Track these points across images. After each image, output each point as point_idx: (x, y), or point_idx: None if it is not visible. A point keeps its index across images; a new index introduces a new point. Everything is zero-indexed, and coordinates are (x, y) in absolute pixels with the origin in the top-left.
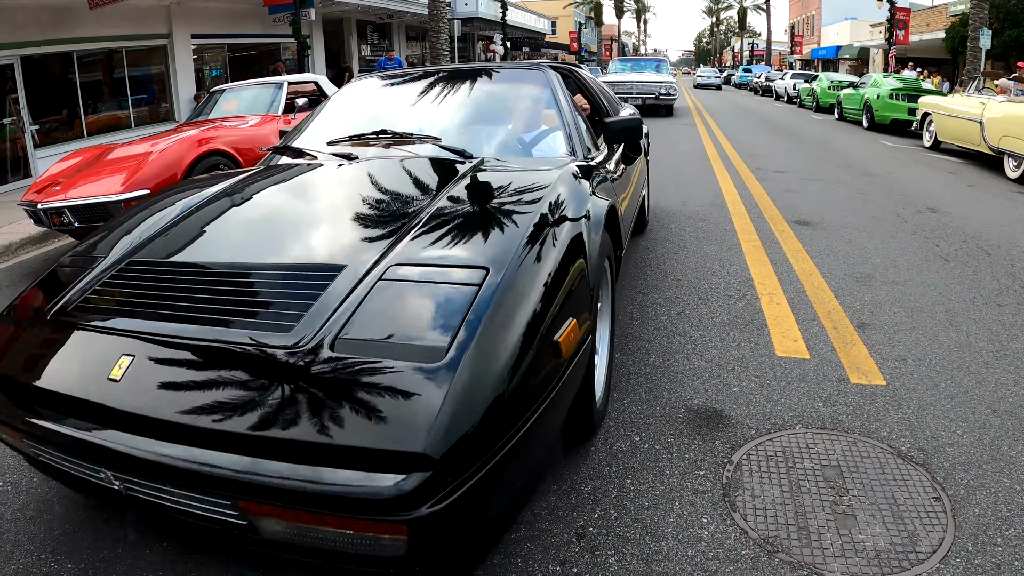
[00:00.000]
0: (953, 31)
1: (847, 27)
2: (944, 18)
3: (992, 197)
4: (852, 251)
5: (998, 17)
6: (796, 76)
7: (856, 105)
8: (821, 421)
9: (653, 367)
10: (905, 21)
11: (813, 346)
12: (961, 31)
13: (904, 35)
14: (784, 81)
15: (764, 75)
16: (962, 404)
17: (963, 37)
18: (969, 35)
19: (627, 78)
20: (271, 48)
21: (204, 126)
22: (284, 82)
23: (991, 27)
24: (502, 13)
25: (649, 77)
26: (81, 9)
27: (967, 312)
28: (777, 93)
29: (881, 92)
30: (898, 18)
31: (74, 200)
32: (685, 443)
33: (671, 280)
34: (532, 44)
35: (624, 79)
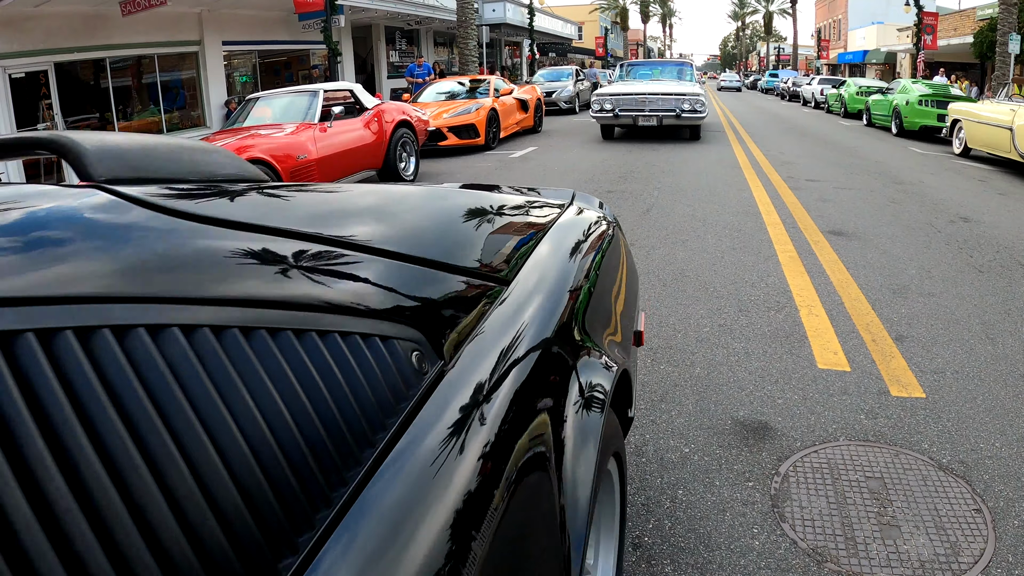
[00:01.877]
0: (981, 36)
1: (874, 31)
2: (972, 22)
3: (1023, 205)
4: (887, 262)
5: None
6: (824, 81)
7: (885, 111)
8: (864, 434)
9: (698, 379)
10: (933, 26)
11: (853, 358)
12: (989, 36)
13: (932, 40)
14: (811, 86)
15: (791, 80)
16: (1000, 417)
17: (991, 42)
18: (998, 40)
19: (635, 89)
20: (300, 54)
21: (241, 134)
22: (320, 90)
23: (1020, 31)
24: (529, 19)
25: (667, 88)
26: (114, 16)
27: (1002, 324)
28: (804, 98)
29: (910, 98)
30: (926, 23)
31: None
32: (733, 455)
33: (711, 291)
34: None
35: (631, 91)
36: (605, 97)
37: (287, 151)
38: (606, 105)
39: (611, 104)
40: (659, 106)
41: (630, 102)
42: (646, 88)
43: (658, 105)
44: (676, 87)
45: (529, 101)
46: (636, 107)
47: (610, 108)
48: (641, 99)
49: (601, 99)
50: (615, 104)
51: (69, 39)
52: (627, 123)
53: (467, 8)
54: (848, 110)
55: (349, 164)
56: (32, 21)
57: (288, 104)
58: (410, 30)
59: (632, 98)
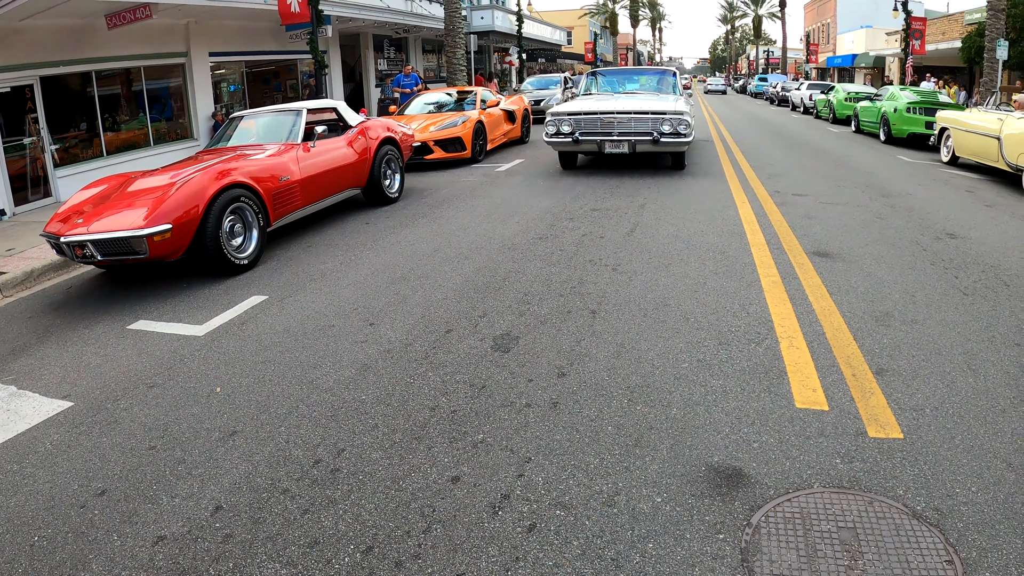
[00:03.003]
0: (969, 41)
1: (863, 35)
2: (960, 27)
3: (1010, 218)
4: (871, 286)
5: (1014, 27)
6: (812, 87)
7: (873, 118)
8: (839, 479)
9: (675, 420)
10: (921, 31)
11: (832, 396)
12: (977, 41)
13: (920, 45)
14: (800, 92)
15: (780, 85)
16: (978, 458)
17: (979, 47)
18: (986, 46)
19: (602, 106)
20: (288, 64)
21: (225, 155)
22: (303, 109)
23: (1007, 37)
24: (518, 26)
25: (642, 103)
26: (100, 29)
27: (985, 354)
28: (793, 103)
29: (898, 105)
30: (914, 28)
31: (96, 234)
32: (706, 504)
33: (692, 322)
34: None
35: (595, 109)
36: (562, 117)
37: (269, 173)
38: (563, 127)
39: (570, 125)
40: (631, 128)
41: (594, 123)
42: (615, 105)
43: (630, 127)
44: (654, 102)
45: (516, 112)
46: (602, 129)
47: (568, 131)
48: (608, 119)
49: (557, 119)
50: (575, 126)
51: (55, 53)
52: (590, 150)
53: (455, 17)
54: (837, 116)
55: (333, 184)
56: (17, 35)
57: (271, 123)
58: (398, 38)
59: (596, 118)
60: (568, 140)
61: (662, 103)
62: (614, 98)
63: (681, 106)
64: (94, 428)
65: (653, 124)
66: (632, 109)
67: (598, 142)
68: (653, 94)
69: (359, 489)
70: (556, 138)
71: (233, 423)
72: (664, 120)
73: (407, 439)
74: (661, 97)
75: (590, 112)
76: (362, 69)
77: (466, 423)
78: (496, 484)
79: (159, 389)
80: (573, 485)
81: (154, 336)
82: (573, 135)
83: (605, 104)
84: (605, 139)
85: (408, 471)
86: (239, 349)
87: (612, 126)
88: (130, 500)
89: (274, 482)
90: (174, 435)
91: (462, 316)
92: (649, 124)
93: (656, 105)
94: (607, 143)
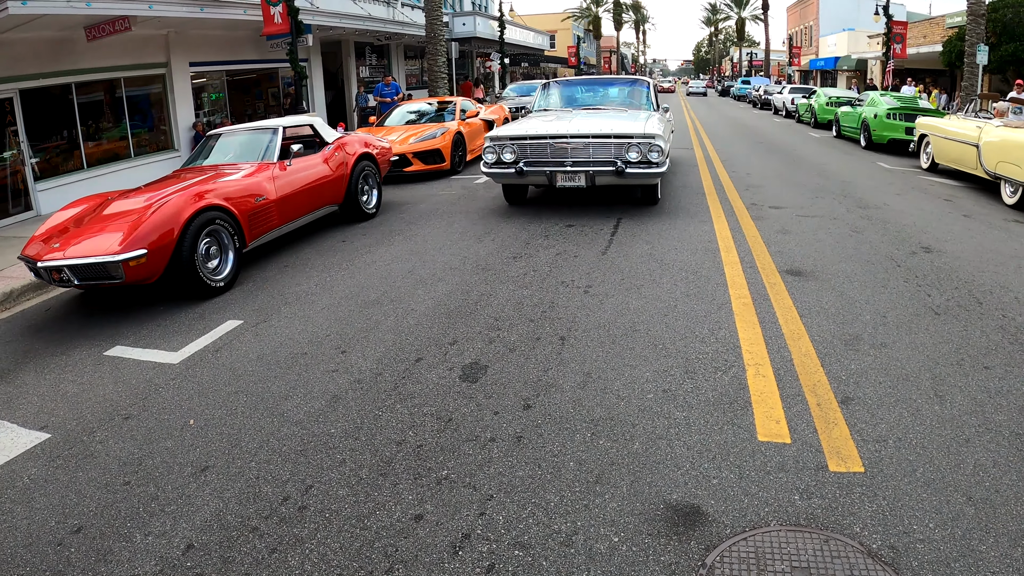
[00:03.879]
0: (950, 45)
1: (845, 38)
2: (941, 30)
3: (987, 228)
4: (842, 307)
5: (995, 32)
6: (795, 91)
7: (854, 123)
8: (796, 516)
9: (636, 456)
10: (902, 35)
11: (795, 427)
12: (958, 45)
13: (901, 49)
14: (783, 95)
15: (763, 88)
16: (938, 492)
17: (960, 51)
18: (966, 51)
19: (553, 128)
20: (269, 72)
21: (200, 175)
22: (280, 127)
23: (988, 42)
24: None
25: (604, 124)
26: (79, 41)
27: (953, 379)
28: (775, 107)
29: (879, 111)
30: (895, 32)
31: (73, 259)
32: (662, 544)
33: (660, 349)
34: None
35: (545, 132)
36: (503, 142)
37: (245, 194)
38: (504, 154)
39: (513, 152)
40: (589, 156)
41: (542, 150)
42: (570, 126)
43: (588, 154)
44: (619, 122)
45: (496, 122)
46: (552, 157)
47: (511, 159)
48: (560, 145)
49: (497, 145)
50: (519, 153)
51: (34, 65)
52: (538, 182)
53: (436, 24)
54: (818, 121)
55: (309, 202)
56: None
57: (248, 141)
58: (380, 45)
59: (545, 143)
60: (510, 171)
61: (629, 123)
62: (570, 117)
63: (653, 127)
64: (71, 462)
65: (617, 151)
66: (590, 132)
67: (548, 174)
68: (620, 111)
69: (325, 528)
70: (496, 168)
71: (205, 458)
72: (631, 146)
73: (373, 475)
74: (630, 115)
75: (537, 136)
76: (344, 76)
77: (431, 458)
78: (458, 523)
79: (134, 421)
80: (533, 524)
81: (130, 363)
82: (517, 165)
83: (558, 125)
84: (557, 170)
85: (373, 509)
86: (213, 379)
87: (565, 153)
88: (105, 538)
89: (244, 520)
90: (148, 470)
91: (432, 343)
92: (612, 150)
93: (621, 126)
94: (559, 175)
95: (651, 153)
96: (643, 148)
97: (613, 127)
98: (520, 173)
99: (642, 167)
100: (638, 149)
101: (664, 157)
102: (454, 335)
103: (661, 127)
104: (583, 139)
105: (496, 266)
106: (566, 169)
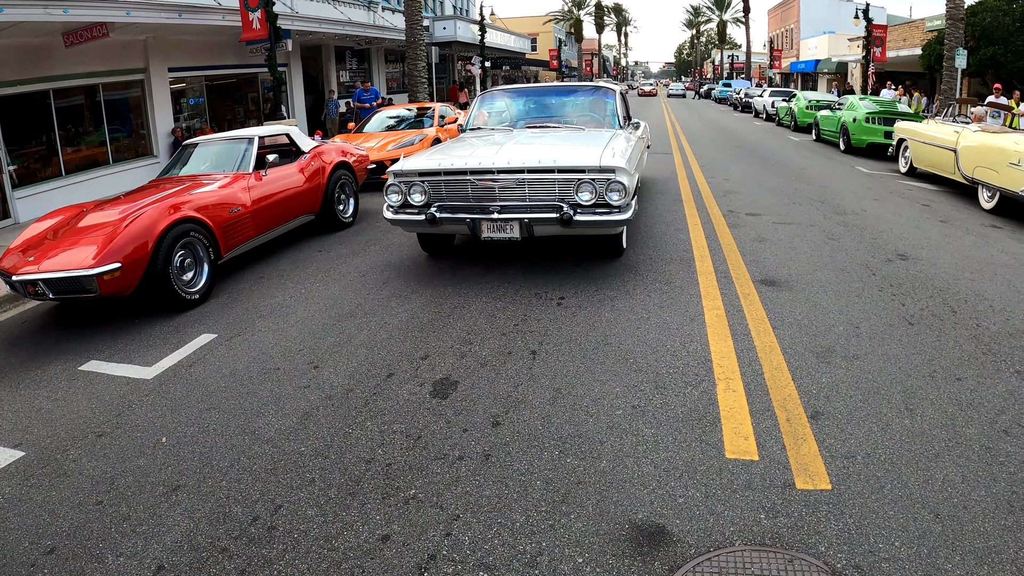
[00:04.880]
0: (929, 48)
1: (825, 41)
2: (921, 33)
3: (964, 234)
4: (815, 317)
5: (973, 35)
6: (775, 94)
7: (833, 127)
8: (762, 535)
9: (603, 474)
10: (882, 38)
11: (764, 444)
12: (937, 48)
13: (881, 52)
14: (763, 98)
15: (743, 91)
16: (905, 509)
17: (939, 55)
18: (945, 54)
19: (477, 160)
20: (249, 77)
21: (175, 185)
22: (255, 137)
23: (967, 45)
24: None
25: (545, 151)
26: (57, 47)
27: (924, 391)
28: (756, 110)
29: (857, 116)
30: (875, 35)
31: (47, 273)
32: (626, 565)
33: (630, 364)
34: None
35: (465, 165)
36: (409, 178)
37: (220, 205)
38: (412, 195)
39: (422, 193)
40: (524, 198)
41: (460, 189)
42: (498, 156)
43: (522, 196)
44: (568, 149)
45: None
46: (476, 200)
47: (420, 202)
48: (484, 183)
49: (403, 181)
50: (431, 192)
51: (12, 72)
52: (458, 231)
53: (416, 28)
54: (798, 124)
55: (285, 213)
56: None
57: (223, 151)
58: (361, 49)
59: (465, 180)
60: (419, 218)
61: (581, 151)
62: (507, 140)
63: (614, 155)
64: (44, 480)
65: (563, 190)
66: (525, 164)
67: (469, 222)
68: (576, 130)
69: (294, 548)
70: (402, 215)
71: (177, 477)
72: (582, 183)
73: (342, 495)
74: (588, 136)
75: (454, 171)
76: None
77: (399, 477)
78: (424, 543)
79: (107, 438)
80: (498, 545)
81: (104, 379)
82: (428, 209)
83: (483, 155)
84: (480, 217)
85: (341, 529)
86: (185, 395)
87: (492, 195)
88: (78, 558)
89: (213, 540)
90: (120, 489)
91: (404, 358)
92: (556, 190)
93: (569, 155)
94: (484, 223)
95: (611, 193)
96: (599, 185)
97: (557, 156)
98: (432, 221)
99: (598, 212)
100: (592, 187)
101: (629, 198)
102: (426, 349)
103: (627, 154)
104: (515, 174)
105: (472, 277)
106: (493, 216)
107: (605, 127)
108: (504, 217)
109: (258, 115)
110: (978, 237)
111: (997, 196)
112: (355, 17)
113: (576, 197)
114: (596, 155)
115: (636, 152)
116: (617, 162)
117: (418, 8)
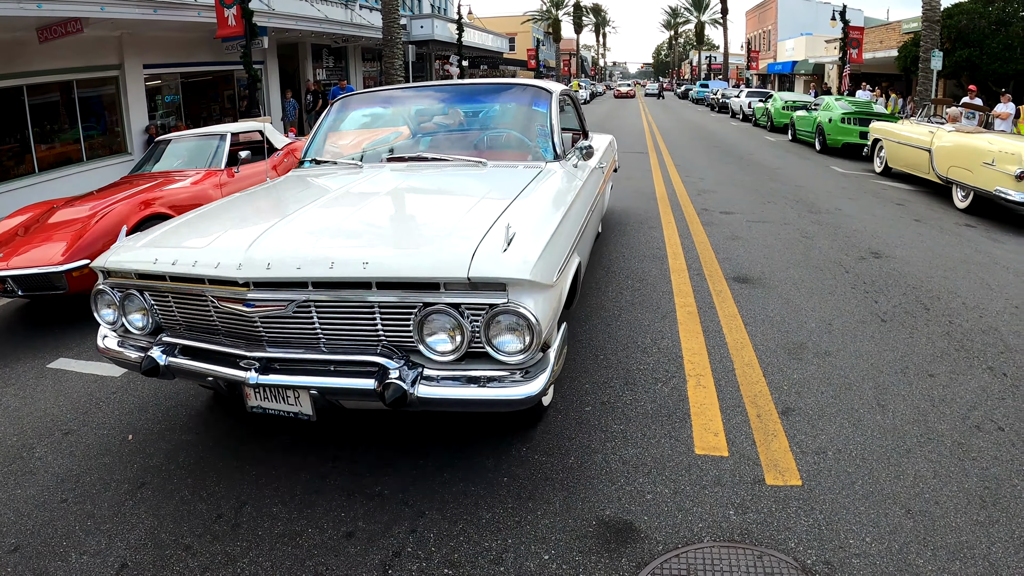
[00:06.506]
0: (906, 50)
1: (803, 42)
2: (897, 35)
3: (938, 233)
4: (788, 314)
5: (949, 37)
6: (752, 94)
7: (809, 128)
8: (731, 532)
9: (570, 470)
10: (858, 40)
11: (733, 440)
12: (913, 50)
13: (858, 54)
14: (740, 99)
15: (721, 92)
16: (876, 505)
17: (915, 56)
18: (921, 56)
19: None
20: (225, 75)
21: (147, 182)
22: (227, 134)
23: (943, 47)
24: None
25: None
26: (31, 43)
27: (897, 387)
28: (733, 111)
29: (833, 116)
30: (851, 37)
31: (16, 270)
32: (592, 562)
33: (600, 360)
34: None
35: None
36: (123, 280)
37: (190, 202)
38: (131, 314)
39: (144, 311)
40: (313, 336)
41: (200, 310)
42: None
43: (308, 331)
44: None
45: None
46: (228, 334)
47: (144, 326)
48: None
49: (113, 286)
50: (161, 311)
51: None
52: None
53: (393, 26)
54: (775, 124)
55: None
56: None
57: (196, 148)
58: (338, 47)
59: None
60: (135, 359)
61: (437, 237)
62: (314, 201)
63: (508, 252)
64: (10, 479)
65: (393, 323)
66: (308, 271)
67: (219, 381)
68: (473, 165)
69: (257, 546)
70: (116, 351)
71: (142, 474)
72: (431, 311)
73: (307, 492)
74: (485, 185)
75: (182, 277)
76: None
77: (366, 474)
78: (389, 540)
79: (74, 436)
80: (463, 542)
81: (73, 376)
82: (155, 341)
83: (232, 244)
84: (235, 375)
85: (305, 526)
86: (153, 392)
87: (252, 327)
88: (41, 557)
89: (177, 538)
90: (86, 487)
91: None
92: (377, 324)
93: (406, 247)
94: (248, 388)
95: (500, 336)
96: (471, 319)
97: (378, 254)
98: (153, 371)
99: (468, 377)
100: (454, 320)
101: (537, 343)
102: None
103: (545, 236)
104: (286, 291)
105: None
106: (252, 378)
107: (528, 159)
108: (273, 381)
109: (234, 113)
110: (952, 236)
111: (971, 195)
112: (332, 15)
113: (421, 342)
114: (464, 250)
115: (576, 216)
116: (513, 267)
117: (395, 6)
